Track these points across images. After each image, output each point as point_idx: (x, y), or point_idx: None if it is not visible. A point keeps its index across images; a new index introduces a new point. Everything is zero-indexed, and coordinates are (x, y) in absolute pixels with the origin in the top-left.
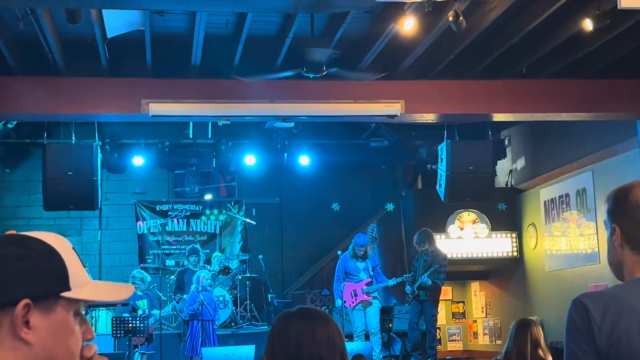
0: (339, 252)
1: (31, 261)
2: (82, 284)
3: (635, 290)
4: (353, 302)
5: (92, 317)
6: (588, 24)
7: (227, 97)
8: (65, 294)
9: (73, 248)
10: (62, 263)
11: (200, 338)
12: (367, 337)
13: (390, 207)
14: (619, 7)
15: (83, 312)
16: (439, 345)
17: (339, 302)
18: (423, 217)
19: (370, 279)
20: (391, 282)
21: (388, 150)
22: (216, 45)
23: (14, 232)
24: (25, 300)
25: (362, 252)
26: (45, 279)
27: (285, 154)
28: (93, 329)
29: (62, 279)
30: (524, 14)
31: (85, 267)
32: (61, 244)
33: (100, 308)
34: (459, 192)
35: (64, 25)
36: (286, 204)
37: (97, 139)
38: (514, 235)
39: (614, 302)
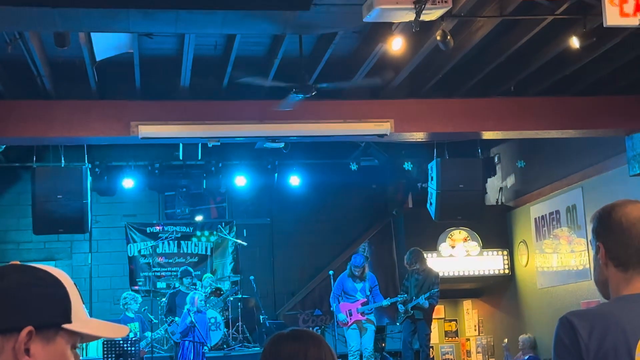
0: (331, 272)
1: (37, 290)
2: (82, 318)
3: (621, 307)
4: (348, 322)
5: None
6: (575, 42)
7: (217, 118)
8: (66, 326)
9: (75, 285)
10: (66, 295)
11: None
12: (361, 357)
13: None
14: (604, 25)
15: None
16: None
17: (341, 317)
18: (414, 235)
19: (366, 299)
20: (385, 302)
21: (378, 169)
22: (205, 66)
23: (17, 262)
24: (29, 328)
25: (358, 273)
26: (49, 309)
27: (276, 175)
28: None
29: (64, 311)
30: (511, 32)
31: (84, 305)
32: (65, 278)
33: None
34: (450, 211)
35: (53, 48)
36: (277, 224)
37: (86, 161)
38: (505, 252)
39: (601, 319)
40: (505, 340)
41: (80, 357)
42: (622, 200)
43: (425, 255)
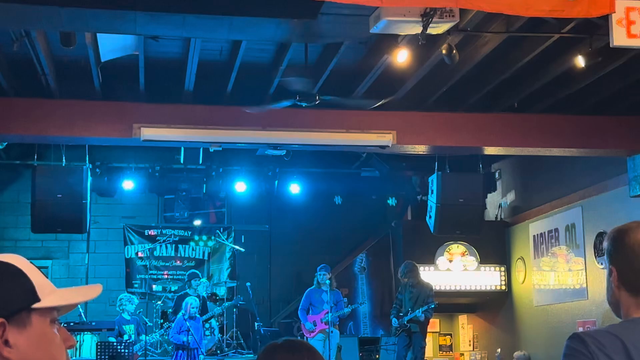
0: (327, 282)
1: None
2: (50, 292)
3: (629, 330)
4: (313, 333)
5: (76, 341)
6: (580, 61)
7: (219, 123)
8: (36, 305)
9: (30, 262)
10: (25, 277)
11: None
12: None
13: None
14: (611, 46)
15: (58, 319)
16: None
17: (308, 325)
18: (412, 248)
19: (329, 310)
20: (347, 310)
21: (379, 180)
22: (210, 71)
23: None
24: (0, 320)
25: (326, 279)
26: (13, 296)
27: (276, 182)
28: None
29: (29, 292)
30: (517, 49)
31: (47, 277)
32: (18, 260)
33: (86, 332)
34: (449, 224)
35: (58, 47)
36: (275, 231)
37: (87, 161)
38: (502, 268)
39: (609, 340)
40: (499, 350)
41: (67, 331)
42: (636, 222)
43: (422, 268)
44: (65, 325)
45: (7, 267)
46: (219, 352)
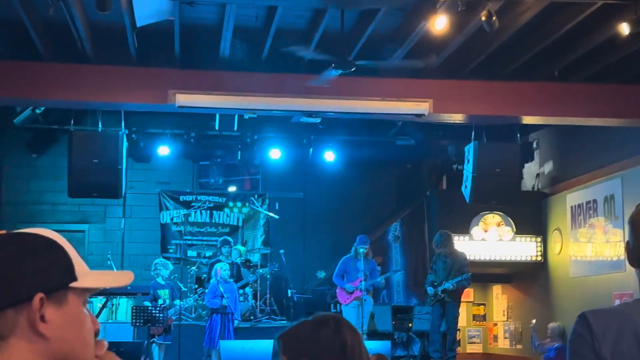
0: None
1: (35, 256)
2: (86, 273)
3: (638, 309)
4: (347, 300)
5: (112, 305)
6: (624, 29)
7: (255, 90)
8: (73, 285)
9: (67, 241)
10: (65, 254)
11: (219, 331)
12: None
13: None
14: None
15: (89, 302)
16: (459, 347)
17: (348, 287)
18: (447, 217)
19: (364, 278)
20: (380, 279)
21: (414, 148)
22: (245, 37)
23: (4, 231)
24: (40, 295)
25: (365, 250)
26: (53, 272)
27: (311, 149)
28: (98, 319)
29: (68, 270)
30: (558, 16)
31: (82, 258)
32: (57, 237)
33: (121, 296)
34: (484, 194)
35: (94, 12)
36: (310, 199)
37: (123, 127)
38: (538, 239)
39: (617, 320)
40: (534, 321)
41: (93, 313)
42: None
43: (456, 238)
44: None
45: (49, 242)
46: (252, 317)
